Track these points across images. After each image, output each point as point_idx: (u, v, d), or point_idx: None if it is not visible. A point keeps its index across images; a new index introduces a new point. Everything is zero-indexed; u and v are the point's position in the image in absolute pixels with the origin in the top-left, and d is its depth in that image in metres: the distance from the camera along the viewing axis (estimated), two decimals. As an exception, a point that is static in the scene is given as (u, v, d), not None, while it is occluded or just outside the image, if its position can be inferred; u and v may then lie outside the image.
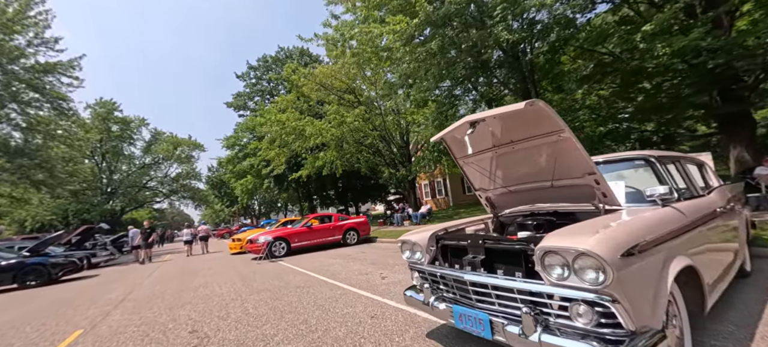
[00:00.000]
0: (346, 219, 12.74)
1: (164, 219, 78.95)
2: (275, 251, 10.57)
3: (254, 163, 28.20)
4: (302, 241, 11.32)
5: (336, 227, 12.21)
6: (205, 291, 6.23)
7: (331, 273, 6.82)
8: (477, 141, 2.92)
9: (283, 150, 20.31)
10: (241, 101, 37.58)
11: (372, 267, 6.95)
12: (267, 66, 37.37)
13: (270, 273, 7.63)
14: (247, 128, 30.61)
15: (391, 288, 5.00)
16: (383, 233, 13.76)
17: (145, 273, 10.25)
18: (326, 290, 5.31)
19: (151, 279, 8.78)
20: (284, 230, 11.50)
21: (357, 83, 19.48)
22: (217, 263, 11.06)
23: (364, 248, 10.92)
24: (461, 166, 3.32)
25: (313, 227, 11.72)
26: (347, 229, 12.37)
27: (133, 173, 44.12)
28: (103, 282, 9.05)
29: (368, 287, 5.20)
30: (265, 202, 54.59)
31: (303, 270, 7.50)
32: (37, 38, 19.88)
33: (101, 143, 39.81)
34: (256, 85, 37.42)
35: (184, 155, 45.33)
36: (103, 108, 39.86)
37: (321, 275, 6.68)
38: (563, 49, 9.62)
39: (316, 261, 8.91)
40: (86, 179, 36.43)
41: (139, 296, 6.40)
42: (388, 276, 5.90)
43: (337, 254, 9.90)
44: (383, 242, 12.50)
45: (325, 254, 10.37)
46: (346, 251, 10.49)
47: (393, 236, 12.67)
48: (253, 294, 5.54)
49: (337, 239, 12.09)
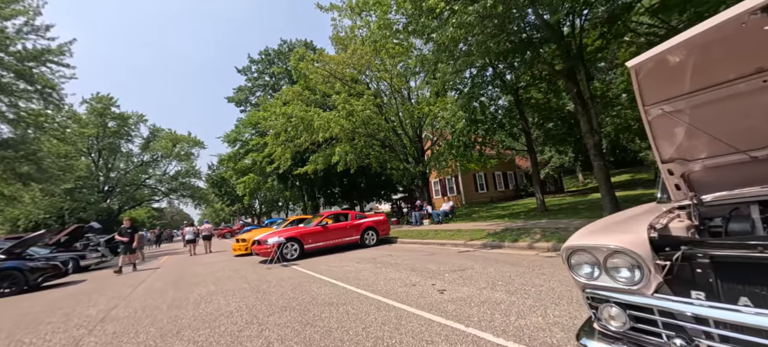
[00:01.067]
0: (364, 217, 11.41)
1: (163, 218, 77.62)
2: (287, 254, 9.24)
3: (257, 159, 26.84)
4: (317, 242, 9.99)
5: (353, 226, 10.88)
6: (208, 307, 4.89)
7: (366, 282, 5.49)
8: (707, 67, 1.59)
9: (288, 145, 18.96)
10: (243, 95, 36.26)
11: (414, 276, 5.61)
12: (269, 59, 36.09)
13: (286, 281, 6.30)
14: (250, 123, 29.23)
15: (464, 309, 3.67)
16: (402, 233, 12.43)
17: (137, 280, 8.90)
18: (371, 309, 3.97)
19: (143, 287, 7.44)
20: (296, 229, 10.16)
21: (369, 72, 18.17)
22: (220, 267, 9.72)
23: (387, 250, 9.58)
24: (649, 120, 1.95)
25: (328, 226, 10.39)
26: (366, 228, 11.04)
27: (131, 171, 42.75)
28: (88, 291, 7.71)
29: (430, 306, 3.87)
30: (266, 201, 53.29)
31: (327, 279, 6.16)
32: (28, 26, 18.55)
33: (97, 139, 38.46)
34: (258, 79, 36.12)
35: (183, 153, 43.97)
36: (99, 103, 38.47)
37: (353, 285, 5.35)
38: (625, 17, 8.26)
39: (337, 266, 7.58)
40: (82, 176, 35.17)
41: (124, 313, 5.06)
42: (446, 288, 4.57)
43: (358, 258, 8.56)
44: (405, 242, 11.18)
45: (343, 257, 9.04)
46: (368, 254, 9.16)
47: (415, 236, 11.36)
48: (272, 314, 4.20)
49: (354, 239, 10.77)
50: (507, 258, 6.46)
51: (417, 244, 10.48)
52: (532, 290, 4.10)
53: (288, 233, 9.60)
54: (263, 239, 9.47)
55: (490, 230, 9.49)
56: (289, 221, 13.38)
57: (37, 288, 8.79)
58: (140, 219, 64.95)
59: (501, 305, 3.66)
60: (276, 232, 10.21)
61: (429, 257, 7.59)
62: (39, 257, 9.61)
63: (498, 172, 31.12)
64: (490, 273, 5.24)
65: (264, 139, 27.82)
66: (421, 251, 8.67)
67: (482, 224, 11.22)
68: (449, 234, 10.20)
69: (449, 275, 5.42)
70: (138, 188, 43.08)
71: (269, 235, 9.71)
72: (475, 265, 5.99)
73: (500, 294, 4.07)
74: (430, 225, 13.57)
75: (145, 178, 43.70)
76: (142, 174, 43.60)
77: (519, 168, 34.14)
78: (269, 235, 9.71)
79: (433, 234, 10.90)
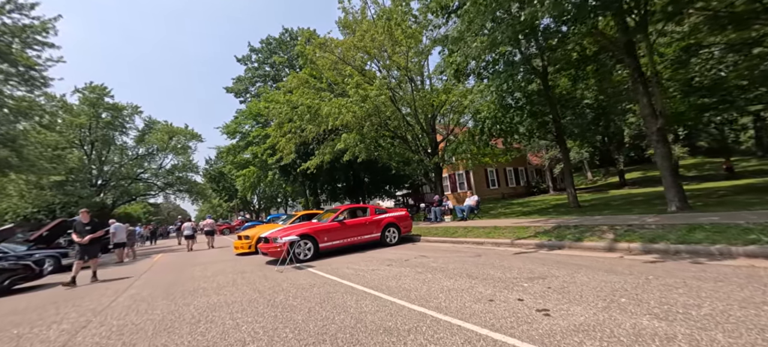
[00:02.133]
0: (385, 212, 10.06)
1: (160, 214, 76.03)
2: (299, 254, 7.89)
3: (258, 152, 25.41)
4: (333, 240, 8.63)
5: (373, 222, 9.53)
6: (210, 332, 3.54)
7: (418, 294, 4.15)
8: None
9: (292, 137, 17.55)
10: (242, 85, 34.73)
11: (480, 285, 4.28)
12: (270, 49, 34.58)
13: (308, 290, 4.96)
14: (250, 114, 27.75)
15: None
16: (422, 231, 11.09)
17: (121, 286, 7.54)
18: (458, 341, 2.64)
19: (128, 295, 6.07)
20: (309, 226, 8.79)
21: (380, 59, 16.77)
22: (221, 268, 8.35)
23: (416, 250, 8.25)
24: None
25: (345, 222, 9.03)
26: (387, 225, 9.70)
27: (126, 165, 41.15)
28: (60, 299, 6.33)
29: (550, 339, 2.54)
30: (265, 197, 51.79)
31: (361, 287, 4.82)
32: (10, 2, 16.99)
33: (90, 131, 36.83)
34: (259, 69, 34.60)
35: (180, 146, 42.38)
36: (92, 93, 36.82)
37: (402, 298, 4.00)
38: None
39: (364, 269, 6.24)
40: (73, 168, 33.61)
41: (92, 340, 3.70)
42: (549, 308, 3.24)
43: (385, 259, 7.23)
44: (431, 241, 9.86)
45: (366, 257, 7.70)
46: (394, 254, 7.83)
47: (441, 234, 10.04)
48: (306, 346, 2.87)
49: (374, 237, 9.42)
50: (586, 261, 5.15)
51: (448, 243, 9.16)
52: (695, 313, 2.79)
53: (301, 230, 8.23)
54: (272, 236, 8.11)
55: (536, 227, 8.18)
56: (297, 217, 12.02)
57: (6, 293, 7.42)
58: (136, 215, 63.43)
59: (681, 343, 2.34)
60: (286, 228, 8.85)
61: (476, 259, 6.27)
62: (8, 256, 8.21)
63: (509, 167, 29.89)
64: (590, 284, 3.92)
65: (265, 130, 26.42)
66: (462, 252, 7.35)
67: (517, 221, 9.90)
68: (485, 232, 8.88)
69: (531, 285, 4.10)
70: (132, 183, 41.49)
71: (279, 232, 8.35)
72: (555, 271, 4.67)
73: (657, 322, 2.74)
74: (453, 222, 12.26)
75: (139, 172, 42.11)
76: (136, 168, 42.02)
77: (530, 164, 32.93)
78: (279, 232, 8.35)
79: (464, 232, 9.58)
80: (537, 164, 33.73)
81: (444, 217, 12.85)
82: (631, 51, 8.40)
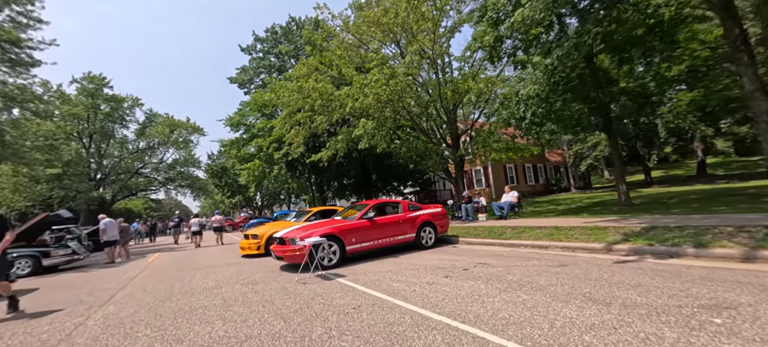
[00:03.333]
0: (419, 209, 8.52)
1: (162, 210, 74.83)
2: (323, 258, 6.36)
3: (263, 145, 23.91)
4: (362, 242, 7.09)
5: (407, 220, 7.98)
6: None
7: (545, 335, 2.61)
8: None
9: (301, 128, 16.01)
10: (247, 76, 33.21)
11: (632, 317, 2.72)
12: (276, 38, 33.03)
13: (354, 317, 3.42)
14: (255, 105, 26.24)
15: None
16: (459, 231, 9.53)
17: (101, 296, 6.05)
18: None
19: (101, 316, 4.56)
20: (333, 224, 7.24)
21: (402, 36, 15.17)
22: (227, 276, 6.84)
23: (466, 255, 6.70)
24: None
25: (375, 220, 7.49)
26: (422, 223, 8.16)
27: (126, 158, 39.78)
28: (25, 316, 4.84)
29: None
30: (269, 193, 50.27)
31: (437, 317, 3.27)
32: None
33: (88, 122, 35.44)
34: (264, 59, 33.06)
35: (181, 139, 40.98)
36: (91, 83, 35.44)
37: (521, 343, 2.47)
38: None
39: (413, 281, 4.70)
40: (70, 161, 32.24)
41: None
42: None
43: (434, 267, 5.69)
44: (475, 243, 8.31)
45: (404, 263, 6.17)
46: (438, 260, 6.29)
47: (484, 235, 8.49)
48: None
49: (408, 238, 7.88)
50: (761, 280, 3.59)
51: (499, 246, 7.61)
52: None
53: (325, 229, 6.68)
54: (289, 236, 6.57)
55: (616, 227, 6.60)
56: (312, 213, 10.47)
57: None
58: (137, 210, 62.19)
59: None
60: (305, 227, 7.31)
61: (570, 271, 4.72)
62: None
63: (528, 164, 28.29)
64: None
65: (271, 122, 24.92)
66: (535, 260, 5.78)
67: (581, 221, 8.32)
68: (545, 234, 7.30)
69: (708, 316, 2.55)
70: (132, 177, 40.13)
71: (297, 231, 6.82)
72: (737, 296, 3.11)
73: None
74: (489, 221, 10.70)
75: (140, 166, 40.76)
76: (137, 162, 40.67)
77: (548, 161, 31.31)
78: (297, 231, 6.82)
79: (515, 233, 8.02)
80: (556, 161, 32.13)
81: (477, 215, 11.29)
82: (729, 10, 6.81)
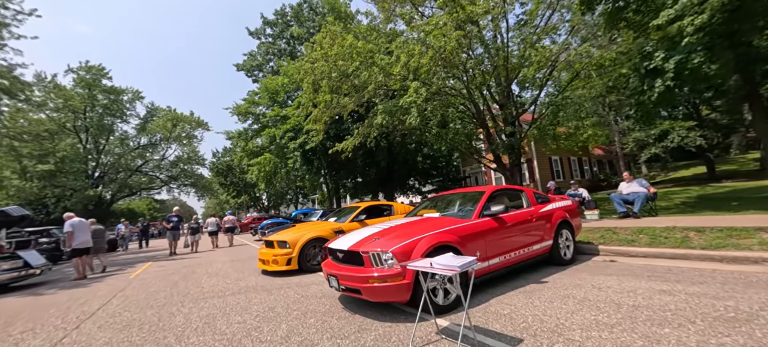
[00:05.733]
0: (546, 200, 5.36)
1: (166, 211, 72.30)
2: (435, 291, 3.24)
3: (277, 134, 20.91)
4: (490, 258, 3.91)
5: (541, 218, 4.81)
6: None
7: None
8: None
9: (329, 107, 12.90)
10: (255, 62, 30.32)
11: None
12: (286, 22, 30.13)
13: None
14: (266, 91, 23.24)
15: None
16: (592, 236, 6.35)
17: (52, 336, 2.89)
18: None
19: None
20: (438, 227, 4.05)
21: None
22: (253, 322, 3.75)
23: (644, 277, 3.53)
24: None
25: (503, 220, 4.32)
26: (559, 224, 5.01)
27: (126, 155, 37.07)
28: None
29: None
30: (275, 192, 47.14)
31: None
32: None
33: (85, 115, 32.76)
34: (273, 44, 30.17)
35: (184, 134, 38.19)
36: (88, 73, 32.79)
37: None
38: None
39: None
40: (65, 157, 29.57)
41: None
42: None
43: (633, 307, 2.52)
44: (638, 256, 5.12)
45: (565, 298, 3.03)
46: (611, 289, 3.11)
47: (646, 242, 5.28)
48: None
49: (544, 248, 4.74)
50: None
51: (697, 261, 4.45)
52: None
53: (434, 238, 3.50)
54: (369, 248, 3.44)
55: None
56: (361, 209, 7.33)
57: None
58: (139, 211, 59.60)
59: None
60: (384, 233, 4.12)
61: None
62: None
63: (573, 157, 25.00)
64: None
65: (283, 111, 21.93)
66: None
67: (742, 220, 5.17)
68: (758, 243, 4.12)
69: None
70: (132, 175, 37.42)
71: (377, 241, 3.68)
72: None
73: None
74: (608, 220, 7.52)
75: (141, 163, 38.04)
76: (138, 159, 37.96)
77: (593, 156, 27.99)
78: (377, 241, 3.68)
79: (703, 241, 4.85)
80: (599, 156, 28.83)
81: (585, 213, 8.09)
82: None
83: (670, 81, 7.47)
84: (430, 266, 2.49)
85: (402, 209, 7.92)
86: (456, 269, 2.33)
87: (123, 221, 15.36)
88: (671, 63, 7.38)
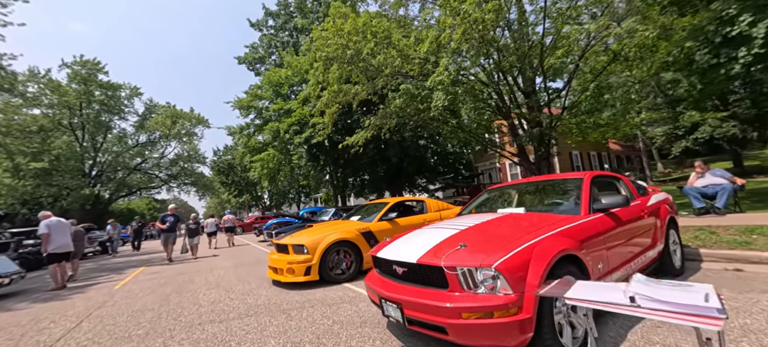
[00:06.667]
0: (645, 192, 4.13)
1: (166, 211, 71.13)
2: (559, 328, 2.03)
3: (281, 128, 19.70)
4: (615, 269, 2.74)
5: (651, 213, 3.60)
6: None
7: None
8: None
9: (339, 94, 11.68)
10: (257, 54, 29.12)
11: None
12: (289, 12, 28.92)
13: None
14: (269, 84, 22.05)
15: None
16: (703, 238, 5.10)
17: None
18: None
19: None
20: (550, 228, 2.83)
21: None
22: None
23: None
24: None
25: (621, 219, 3.08)
26: (668, 222, 3.80)
27: (123, 153, 35.88)
28: None
29: None
30: (277, 192, 45.81)
31: None
32: None
33: (81, 112, 31.56)
34: (276, 35, 28.96)
35: (184, 132, 36.94)
36: (84, 67, 31.57)
37: None
38: None
39: None
40: (60, 155, 28.47)
41: None
42: None
43: None
44: (765, 265, 3.90)
45: None
46: None
47: (753, 244, 4.05)
48: None
49: (656, 254, 3.51)
50: None
51: None
52: None
53: (555, 243, 2.31)
54: (440, 260, 2.25)
55: None
56: (390, 206, 6.12)
57: None
58: (139, 211, 58.45)
59: None
60: (467, 234, 2.89)
61: None
62: None
63: (593, 152, 23.76)
64: None
65: (288, 104, 20.74)
66: None
67: None
68: None
69: None
70: (130, 173, 36.24)
71: (451, 245, 2.48)
72: None
73: None
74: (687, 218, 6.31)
75: (139, 161, 36.84)
76: (137, 157, 36.77)
77: (611, 151, 26.75)
78: (451, 245, 2.48)
79: None
80: (617, 151, 27.59)
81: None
82: None
83: (758, 49, 6.25)
84: (626, 299, 1.27)
85: (435, 206, 6.71)
86: (718, 320, 1.11)
87: (110, 222, 14.11)
88: (762, 28, 6.16)
